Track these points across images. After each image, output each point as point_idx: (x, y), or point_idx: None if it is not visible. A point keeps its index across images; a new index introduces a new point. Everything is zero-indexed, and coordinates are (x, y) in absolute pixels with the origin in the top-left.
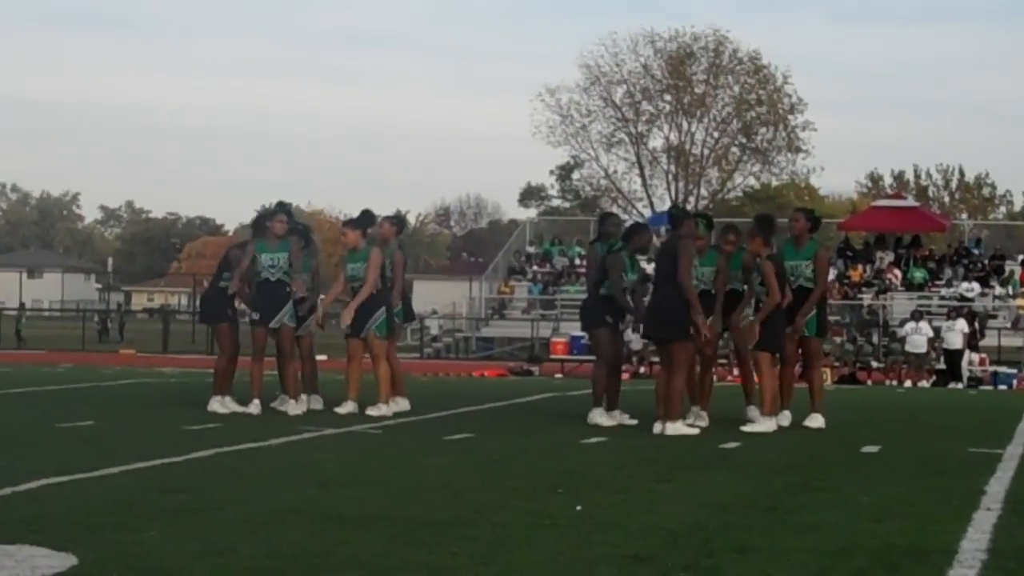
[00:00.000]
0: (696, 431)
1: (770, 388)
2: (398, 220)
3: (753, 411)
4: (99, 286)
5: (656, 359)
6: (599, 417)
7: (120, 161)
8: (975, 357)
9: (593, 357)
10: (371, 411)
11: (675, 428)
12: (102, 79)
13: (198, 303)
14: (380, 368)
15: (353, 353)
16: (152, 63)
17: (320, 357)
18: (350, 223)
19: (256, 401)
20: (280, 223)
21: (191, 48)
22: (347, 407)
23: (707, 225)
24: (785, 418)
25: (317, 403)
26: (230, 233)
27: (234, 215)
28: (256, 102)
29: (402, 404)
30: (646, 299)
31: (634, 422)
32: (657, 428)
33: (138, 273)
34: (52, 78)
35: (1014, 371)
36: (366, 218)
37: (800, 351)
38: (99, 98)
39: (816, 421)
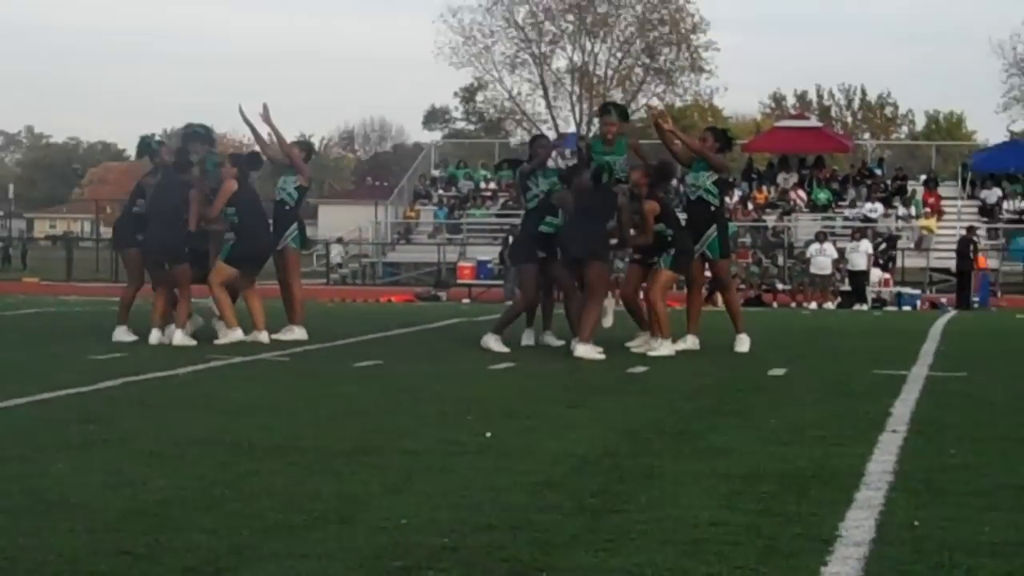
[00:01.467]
0: (602, 356)
1: (662, 310)
2: (306, 145)
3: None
4: (0, 213)
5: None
6: (492, 342)
7: (19, 85)
8: (882, 277)
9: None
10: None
11: (584, 351)
12: None
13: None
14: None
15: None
16: None
17: None
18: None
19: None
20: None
21: None
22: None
23: (621, 115)
24: (691, 342)
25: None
26: (132, 158)
27: (136, 140)
28: (157, 23)
29: (298, 333)
30: None
31: (560, 343)
32: (528, 340)
33: (40, 200)
34: None
35: (918, 292)
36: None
37: (708, 276)
38: None
39: (743, 344)
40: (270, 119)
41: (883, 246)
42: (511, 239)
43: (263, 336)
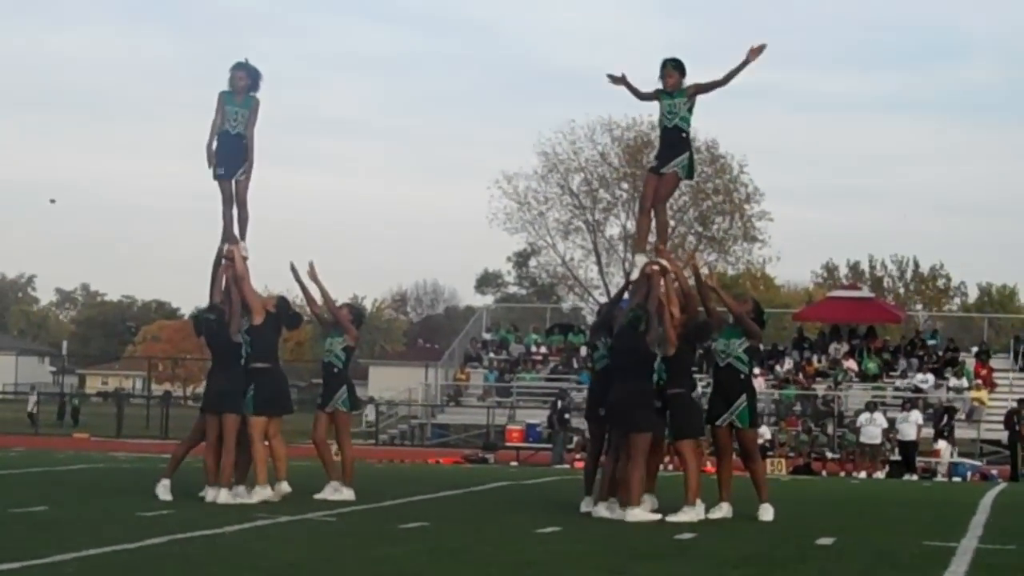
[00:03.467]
0: (658, 517)
1: (694, 475)
2: (357, 311)
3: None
4: (53, 369)
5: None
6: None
7: (75, 243)
8: (946, 447)
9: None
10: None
11: (636, 515)
12: (56, 161)
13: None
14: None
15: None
16: (107, 145)
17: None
18: None
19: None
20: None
21: (147, 130)
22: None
23: (677, 67)
24: (726, 509)
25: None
26: (185, 316)
27: (189, 298)
28: (211, 185)
29: (347, 494)
30: None
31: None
32: (587, 507)
33: (94, 356)
34: (4, 159)
35: (976, 463)
36: None
37: (736, 444)
38: (53, 180)
39: (767, 513)
40: (317, 277)
41: (945, 418)
42: (560, 403)
43: (284, 486)
